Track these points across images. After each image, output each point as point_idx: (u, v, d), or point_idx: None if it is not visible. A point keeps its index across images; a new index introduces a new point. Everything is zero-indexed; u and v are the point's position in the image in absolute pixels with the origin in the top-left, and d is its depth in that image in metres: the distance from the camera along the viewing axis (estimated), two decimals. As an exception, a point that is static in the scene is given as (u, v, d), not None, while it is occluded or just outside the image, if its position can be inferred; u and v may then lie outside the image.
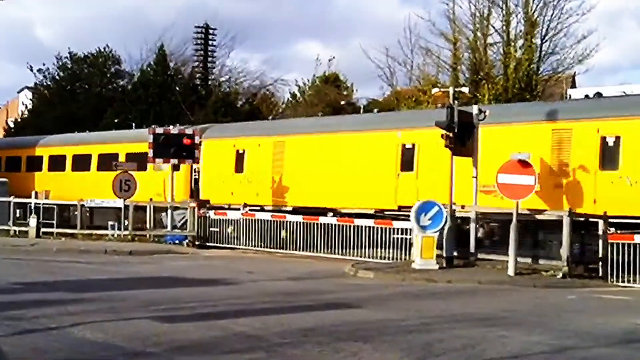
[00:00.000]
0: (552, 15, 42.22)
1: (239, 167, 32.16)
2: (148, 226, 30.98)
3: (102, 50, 62.36)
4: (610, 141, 22.59)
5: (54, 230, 31.82)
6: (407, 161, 27.08)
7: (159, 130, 31.83)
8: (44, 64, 62.25)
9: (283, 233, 27.11)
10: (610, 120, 22.76)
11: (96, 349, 10.71)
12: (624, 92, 23.99)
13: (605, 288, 19.53)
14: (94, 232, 31.34)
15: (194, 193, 33.82)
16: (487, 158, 23.58)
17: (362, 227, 25.15)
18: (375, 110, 37.18)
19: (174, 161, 31.00)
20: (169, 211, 31.08)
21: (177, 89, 58.61)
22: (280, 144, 31.16)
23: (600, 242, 20.84)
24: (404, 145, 27.38)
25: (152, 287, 17.81)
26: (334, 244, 25.71)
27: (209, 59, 65.13)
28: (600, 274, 20.77)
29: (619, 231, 20.72)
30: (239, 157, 32.32)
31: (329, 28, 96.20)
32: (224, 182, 32.43)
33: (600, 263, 20.84)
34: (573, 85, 44.62)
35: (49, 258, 24.08)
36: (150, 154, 30.92)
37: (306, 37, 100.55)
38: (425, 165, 26.51)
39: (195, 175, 34.39)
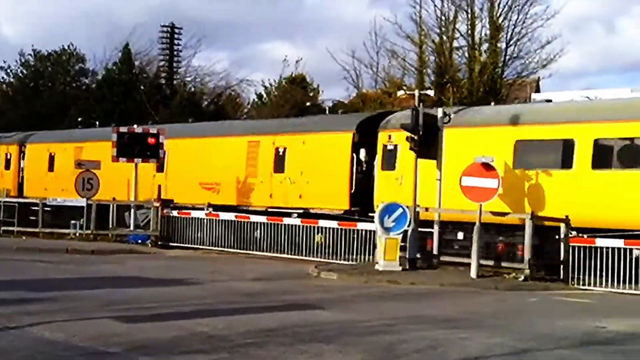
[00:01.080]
0: (517, 20, 42.64)
1: (50, 167, 39.00)
2: (110, 225, 30.72)
3: (66, 48, 61.94)
4: (280, 151, 29.25)
5: (15, 228, 31.48)
6: (160, 164, 32.44)
7: (123, 129, 31.64)
8: (4, 62, 61.81)
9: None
10: (280, 135, 29.69)
11: (56, 348, 10.61)
12: (588, 97, 24.19)
13: (566, 291, 19.68)
14: (56, 230, 31.01)
15: (19, 188, 40.03)
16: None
17: (325, 228, 25.22)
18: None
19: (138, 160, 30.77)
20: (132, 210, 30.86)
21: (142, 88, 58.28)
22: (79, 149, 37.29)
23: (562, 245, 21.01)
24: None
25: (114, 286, 17.68)
26: (297, 245, 25.71)
27: (175, 58, 64.90)
28: (562, 277, 20.94)
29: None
30: (51, 159, 38.98)
31: (297, 29, 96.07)
32: (40, 178, 38.89)
33: (562, 266, 21.01)
34: (537, 90, 44.94)
35: (8, 257, 23.78)
36: (114, 153, 30.66)
37: (274, 37, 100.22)
38: (173, 167, 32.75)
39: (22, 173, 40.64)
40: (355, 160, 27.05)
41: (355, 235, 24.27)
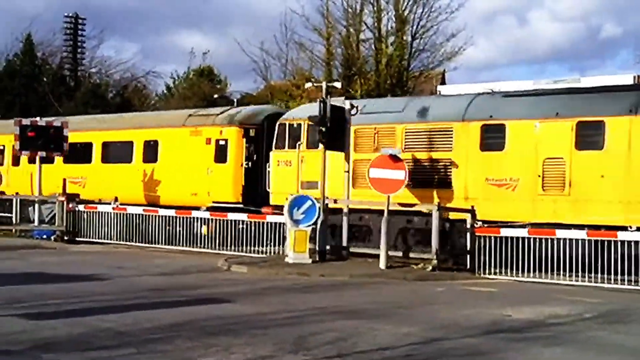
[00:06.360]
0: (422, 13, 43.06)
1: None
2: (14, 220, 29.99)
3: (-34, 39, 60.22)
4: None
5: None
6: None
7: (26, 121, 30.88)
8: None
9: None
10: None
11: (-44, 348, 10.30)
12: (491, 90, 24.54)
13: (473, 280, 20.03)
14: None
15: None
16: None
17: (234, 221, 25.09)
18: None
19: (42, 153, 30.10)
20: (37, 205, 30.17)
21: (45, 79, 57.06)
22: None
23: (468, 235, 21.34)
24: None
25: (17, 283, 17.22)
26: (207, 238, 25.56)
27: (79, 49, 63.66)
28: (468, 266, 21.28)
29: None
30: None
31: (207, 19, 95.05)
32: None
33: (468, 256, 21.34)
34: (443, 82, 45.60)
35: None
36: (17, 146, 29.93)
37: (184, 27, 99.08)
38: None
39: None
40: None
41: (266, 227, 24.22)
